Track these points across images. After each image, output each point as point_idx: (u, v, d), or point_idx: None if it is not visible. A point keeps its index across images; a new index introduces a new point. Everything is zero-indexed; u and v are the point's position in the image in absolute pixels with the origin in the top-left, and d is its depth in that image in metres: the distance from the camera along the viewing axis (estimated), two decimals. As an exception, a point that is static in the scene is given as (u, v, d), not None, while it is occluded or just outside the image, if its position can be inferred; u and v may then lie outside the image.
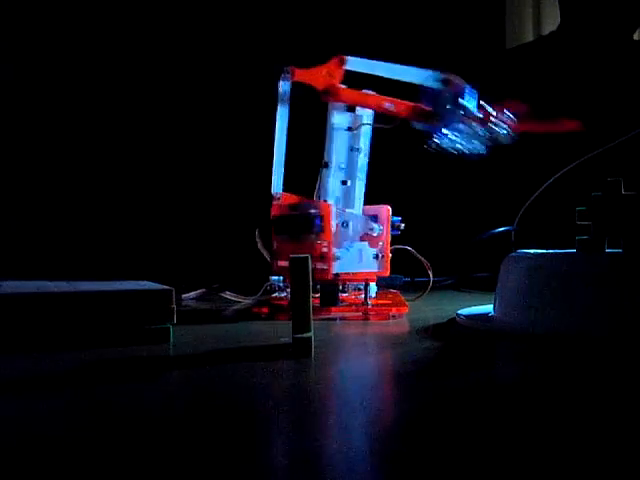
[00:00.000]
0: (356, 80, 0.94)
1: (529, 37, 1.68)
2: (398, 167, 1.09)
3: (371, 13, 1.57)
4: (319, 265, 0.88)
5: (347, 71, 0.94)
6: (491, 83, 0.89)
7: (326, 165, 0.94)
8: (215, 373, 0.60)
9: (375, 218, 0.95)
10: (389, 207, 0.98)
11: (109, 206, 1.54)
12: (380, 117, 0.94)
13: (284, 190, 0.94)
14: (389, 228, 0.97)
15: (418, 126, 0.89)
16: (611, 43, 1.50)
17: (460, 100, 0.86)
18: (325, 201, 0.92)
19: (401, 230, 0.96)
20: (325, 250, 0.88)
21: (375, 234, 0.94)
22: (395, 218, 0.96)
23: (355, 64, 0.94)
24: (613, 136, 0.88)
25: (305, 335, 0.64)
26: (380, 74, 0.92)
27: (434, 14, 1.58)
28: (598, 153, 0.87)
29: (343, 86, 0.94)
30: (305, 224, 0.88)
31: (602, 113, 1.40)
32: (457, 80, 0.86)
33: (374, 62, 0.93)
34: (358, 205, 0.95)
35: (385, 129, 0.92)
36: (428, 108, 0.88)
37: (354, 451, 0.39)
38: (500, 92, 0.85)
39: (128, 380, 0.57)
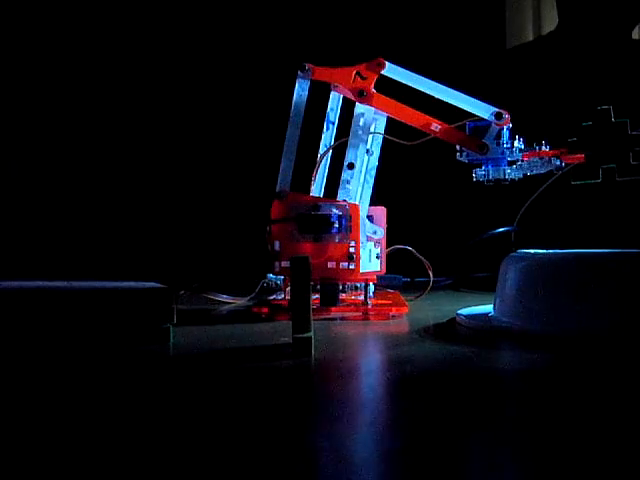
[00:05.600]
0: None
1: (529, 37, 1.69)
2: (398, 167, 1.09)
3: (370, 13, 1.57)
4: (343, 265, 0.88)
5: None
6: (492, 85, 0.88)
7: (352, 166, 0.92)
8: (215, 373, 0.60)
9: (371, 219, 0.95)
10: (384, 208, 0.99)
11: (105, 206, 1.55)
12: (396, 129, 0.92)
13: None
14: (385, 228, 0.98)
15: (462, 157, 0.88)
16: (610, 43, 1.50)
17: (506, 136, 0.86)
18: (346, 200, 0.92)
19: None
20: (353, 250, 0.88)
21: (377, 237, 0.94)
22: None
23: (396, 72, 0.91)
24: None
25: (305, 335, 0.64)
26: (423, 90, 0.90)
27: (434, 14, 1.59)
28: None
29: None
30: (331, 224, 0.88)
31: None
32: (507, 116, 0.86)
33: (420, 77, 0.90)
34: (364, 207, 0.95)
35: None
36: (477, 139, 0.87)
37: (354, 451, 0.39)
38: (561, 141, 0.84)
39: (127, 380, 0.57)
